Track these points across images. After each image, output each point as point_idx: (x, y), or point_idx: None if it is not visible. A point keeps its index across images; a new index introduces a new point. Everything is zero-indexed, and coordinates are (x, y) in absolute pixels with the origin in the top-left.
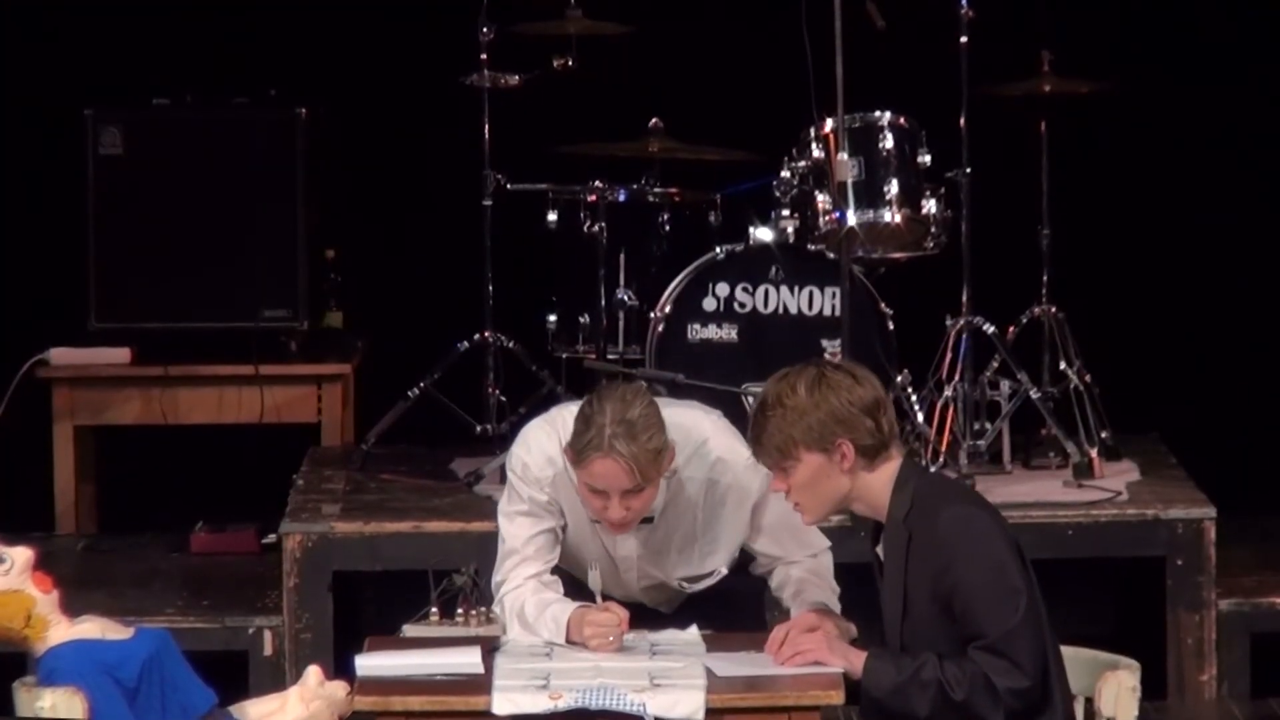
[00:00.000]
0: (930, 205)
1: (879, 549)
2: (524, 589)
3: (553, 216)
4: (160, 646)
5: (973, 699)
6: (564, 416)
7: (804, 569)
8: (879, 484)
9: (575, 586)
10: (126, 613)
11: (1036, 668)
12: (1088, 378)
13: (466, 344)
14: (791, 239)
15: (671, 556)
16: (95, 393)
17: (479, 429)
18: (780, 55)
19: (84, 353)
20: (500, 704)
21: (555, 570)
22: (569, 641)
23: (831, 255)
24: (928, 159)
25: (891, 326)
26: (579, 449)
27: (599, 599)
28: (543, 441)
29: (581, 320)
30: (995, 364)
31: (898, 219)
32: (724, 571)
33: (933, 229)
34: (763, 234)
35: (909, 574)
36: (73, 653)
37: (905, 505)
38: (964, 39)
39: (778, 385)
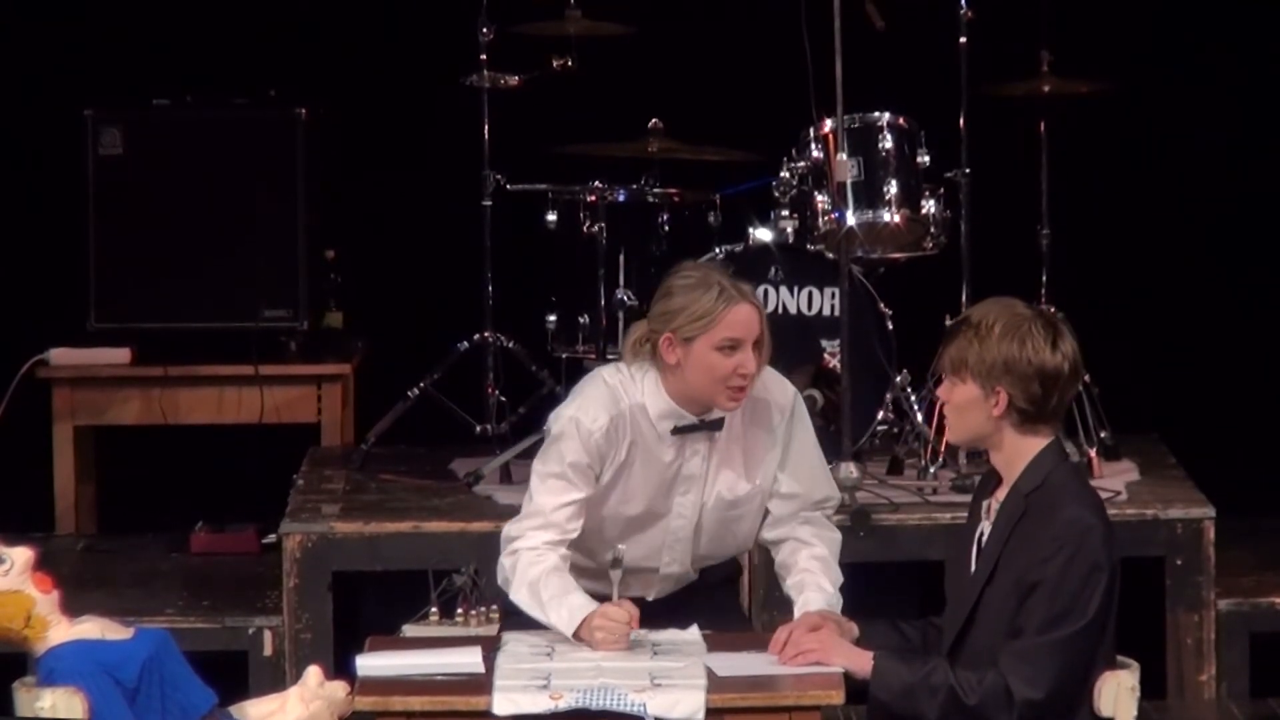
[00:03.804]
0: (930, 205)
1: (985, 501)
2: (546, 560)
3: (552, 217)
4: (160, 646)
5: (985, 705)
6: (599, 374)
7: (811, 554)
8: (1021, 450)
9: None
10: (126, 613)
11: (1058, 690)
12: (1087, 377)
13: (466, 344)
14: (791, 239)
15: (728, 473)
16: (95, 393)
17: (479, 429)
18: (780, 55)
19: (84, 353)
20: (501, 704)
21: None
22: (576, 636)
23: (831, 255)
24: (927, 159)
25: (891, 327)
26: (709, 307)
27: (615, 592)
28: (600, 390)
29: (581, 320)
30: None
31: (897, 219)
32: (747, 542)
33: (932, 229)
34: (762, 234)
35: (1009, 546)
36: (73, 653)
37: (1034, 482)
38: (964, 39)
39: (985, 309)
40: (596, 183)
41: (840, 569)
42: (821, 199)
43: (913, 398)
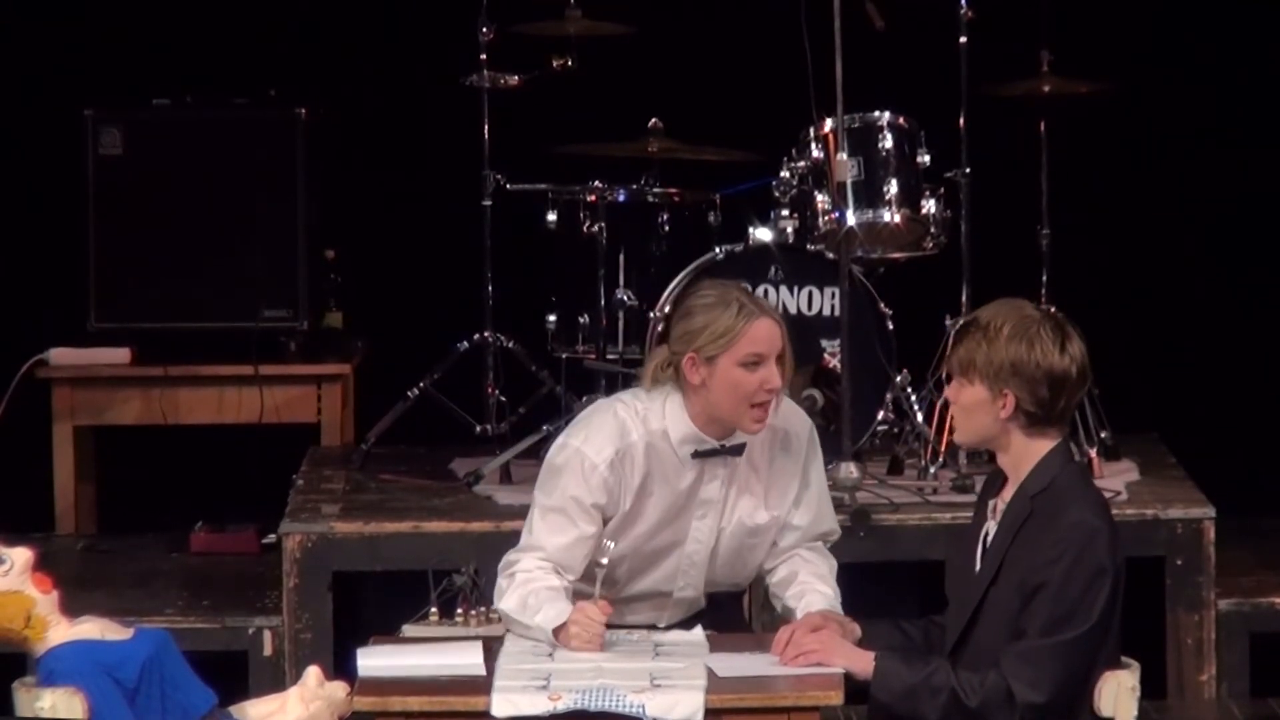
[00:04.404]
0: (930, 205)
1: (991, 501)
2: (548, 578)
3: (552, 216)
4: (160, 647)
5: (986, 707)
6: (613, 402)
7: (811, 571)
8: (1028, 452)
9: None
10: (126, 613)
11: (1060, 693)
12: None
13: (466, 344)
14: (791, 239)
15: (748, 500)
16: (95, 393)
17: (479, 429)
18: (780, 55)
19: (84, 353)
20: (499, 705)
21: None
22: (555, 636)
23: (831, 255)
24: (927, 159)
25: (891, 326)
26: (729, 324)
27: (597, 590)
28: (607, 422)
29: (581, 320)
30: None
31: (897, 219)
32: (756, 567)
33: (932, 229)
34: (762, 234)
35: (1013, 547)
36: (72, 653)
37: (1040, 484)
38: (964, 39)
39: (993, 311)
40: (596, 183)
41: (839, 569)
42: (821, 199)
43: (913, 398)
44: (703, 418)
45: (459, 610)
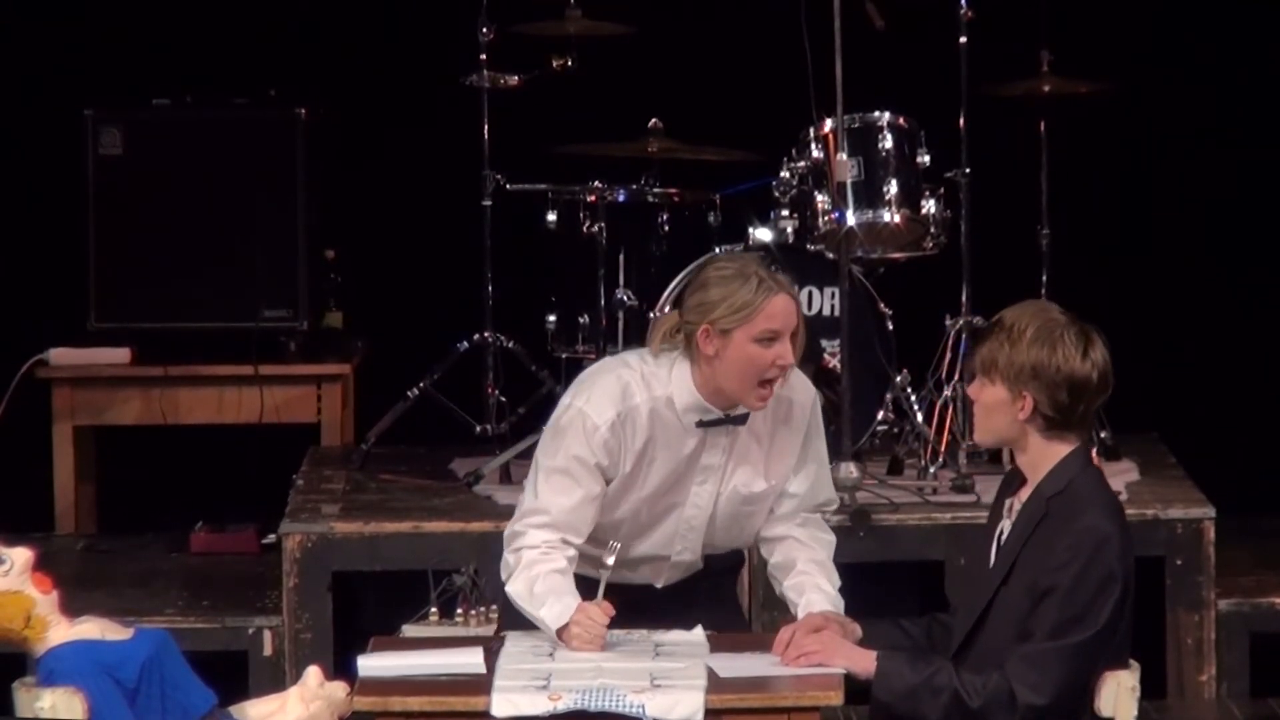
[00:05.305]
0: (930, 205)
1: (1008, 500)
2: (552, 560)
3: (552, 217)
4: (160, 647)
5: (988, 709)
6: (618, 364)
7: (809, 557)
8: (1046, 454)
9: (585, 589)
10: (126, 613)
11: (1062, 697)
12: None
13: (466, 344)
14: (791, 239)
15: (747, 468)
16: (95, 393)
17: (479, 429)
18: (780, 55)
19: (84, 353)
20: (499, 705)
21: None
22: (559, 634)
23: (831, 255)
24: (927, 159)
25: (891, 327)
26: (748, 298)
27: (600, 591)
28: (610, 384)
29: (581, 320)
30: None
31: (897, 219)
32: (753, 535)
33: (932, 229)
34: (762, 234)
35: (1026, 548)
36: (72, 653)
37: (1057, 486)
38: (964, 39)
39: (1018, 311)
40: (596, 183)
41: (839, 569)
42: (821, 199)
43: (913, 398)
44: (709, 388)
45: (459, 610)
